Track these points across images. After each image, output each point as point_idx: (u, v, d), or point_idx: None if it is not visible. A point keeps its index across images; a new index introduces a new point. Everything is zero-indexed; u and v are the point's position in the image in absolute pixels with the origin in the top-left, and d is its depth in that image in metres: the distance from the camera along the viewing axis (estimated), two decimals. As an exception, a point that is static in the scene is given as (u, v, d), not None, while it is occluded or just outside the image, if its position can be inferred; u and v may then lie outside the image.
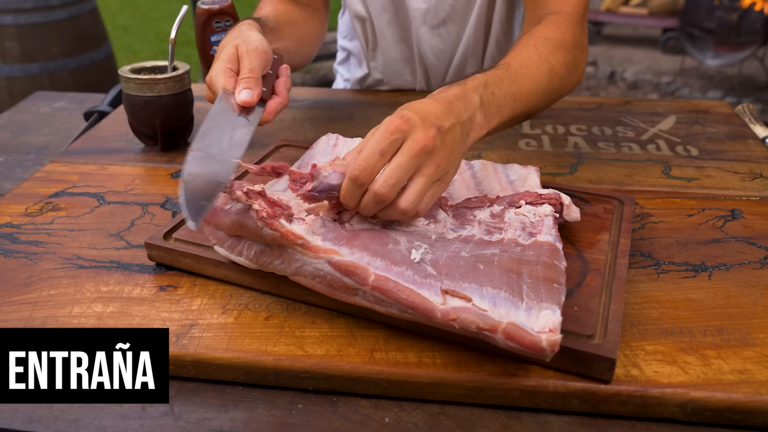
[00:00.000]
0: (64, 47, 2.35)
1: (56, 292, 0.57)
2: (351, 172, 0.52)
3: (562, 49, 0.71)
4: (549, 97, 0.71)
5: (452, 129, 0.55)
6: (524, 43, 0.70)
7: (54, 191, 0.74)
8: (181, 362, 0.50)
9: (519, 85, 0.65)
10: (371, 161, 0.52)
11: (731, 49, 3.52)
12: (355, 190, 0.53)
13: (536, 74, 0.67)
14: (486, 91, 0.61)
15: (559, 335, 0.44)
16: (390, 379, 0.48)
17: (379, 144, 0.52)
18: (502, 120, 0.63)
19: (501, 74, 0.64)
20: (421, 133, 0.52)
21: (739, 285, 0.57)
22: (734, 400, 0.46)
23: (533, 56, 0.69)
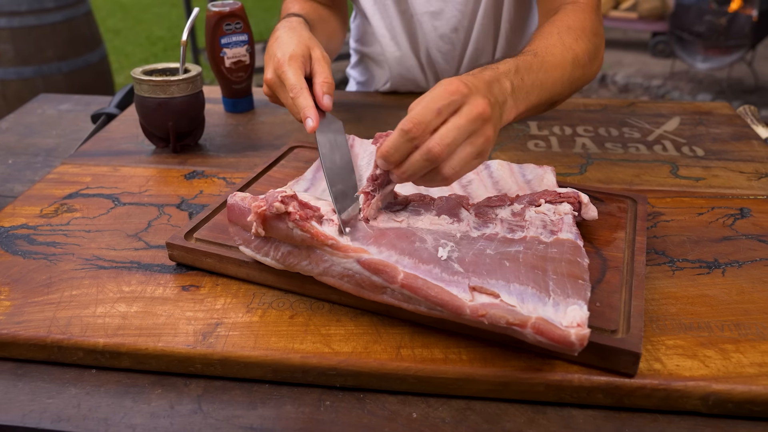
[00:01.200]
0: (58, 50, 2.34)
1: (78, 292, 0.58)
2: (404, 124, 0.51)
3: (584, 36, 0.71)
4: (572, 86, 0.71)
5: (495, 107, 0.55)
6: (547, 31, 0.70)
7: (68, 192, 0.74)
8: (208, 360, 0.51)
9: (546, 72, 0.64)
10: (427, 117, 0.51)
11: (720, 53, 3.57)
12: (404, 143, 0.51)
13: (561, 62, 0.67)
14: (516, 77, 0.61)
15: (587, 329, 0.45)
16: (417, 375, 0.49)
17: (437, 102, 0.51)
18: (529, 107, 0.63)
19: (530, 60, 0.64)
20: (481, 99, 0.52)
21: (752, 281, 0.58)
22: (755, 393, 0.47)
23: (558, 44, 0.68)
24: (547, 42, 0.69)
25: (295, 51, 0.71)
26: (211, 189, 0.75)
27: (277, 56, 0.70)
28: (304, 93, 0.68)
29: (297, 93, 0.68)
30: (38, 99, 1.10)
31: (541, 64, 0.65)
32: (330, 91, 0.70)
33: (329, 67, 0.73)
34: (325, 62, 0.72)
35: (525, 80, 0.62)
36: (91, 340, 0.52)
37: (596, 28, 0.75)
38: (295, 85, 0.68)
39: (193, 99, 0.81)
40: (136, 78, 0.79)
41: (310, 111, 0.66)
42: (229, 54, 0.92)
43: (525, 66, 0.63)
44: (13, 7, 2.22)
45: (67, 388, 0.51)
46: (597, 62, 0.75)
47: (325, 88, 0.70)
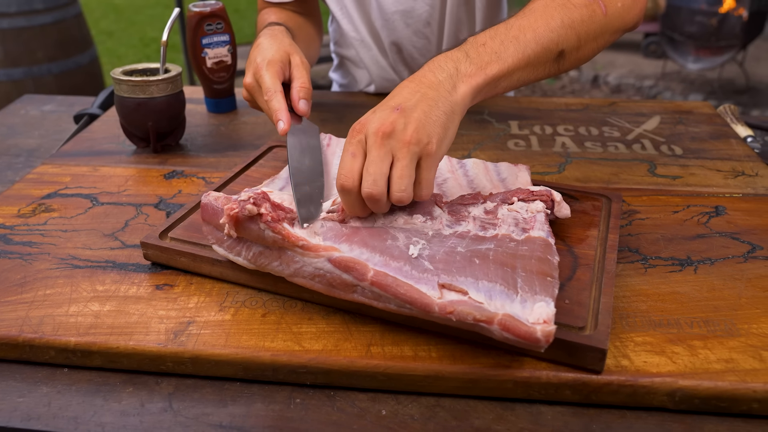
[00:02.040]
0: (48, 52, 2.34)
1: (52, 291, 0.58)
2: (337, 185, 0.54)
3: None
4: (578, 30, 0.65)
5: (420, 100, 0.55)
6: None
7: (46, 192, 0.74)
8: (179, 359, 0.51)
9: (520, 28, 0.62)
10: (347, 166, 0.54)
11: (711, 53, 3.59)
12: (350, 198, 0.55)
13: (544, 11, 0.64)
14: (474, 44, 0.60)
15: (553, 326, 0.45)
16: (387, 372, 0.49)
17: (347, 150, 0.55)
18: (509, 66, 0.60)
19: (495, 27, 0.63)
20: (378, 122, 0.54)
21: (723, 278, 0.59)
22: (721, 388, 0.47)
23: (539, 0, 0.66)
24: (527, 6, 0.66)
25: (274, 56, 0.73)
26: (189, 188, 0.75)
27: (257, 61, 0.73)
28: (277, 96, 0.70)
29: (271, 96, 0.70)
30: (22, 100, 1.10)
31: (511, 24, 0.63)
32: (306, 96, 0.72)
33: (308, 73, 0.74)
34: (304, 68, 0.74)
35: (488, 45, 0.60)
36: (62, 339, 0.52)
37: None
38: (269, 88, 0.70)
39: (173, 99, 0.82)
40: (116, 78, 0.79)
41: (282, 114, 0.68)
42: (210, 54, 0.92)
43: (488, 34, 0.61)
44: (2, 8, 2.22)
45: (39, 386, 0.51)
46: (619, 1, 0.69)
47: (302, 93, 0.72)
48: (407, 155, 0.53)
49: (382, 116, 0.54)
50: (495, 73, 0.60)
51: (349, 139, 0.55)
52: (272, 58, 0.72)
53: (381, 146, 0.53)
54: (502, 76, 0.60)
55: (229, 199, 0.53)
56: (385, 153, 0.53)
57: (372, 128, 0.54)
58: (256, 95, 0.73)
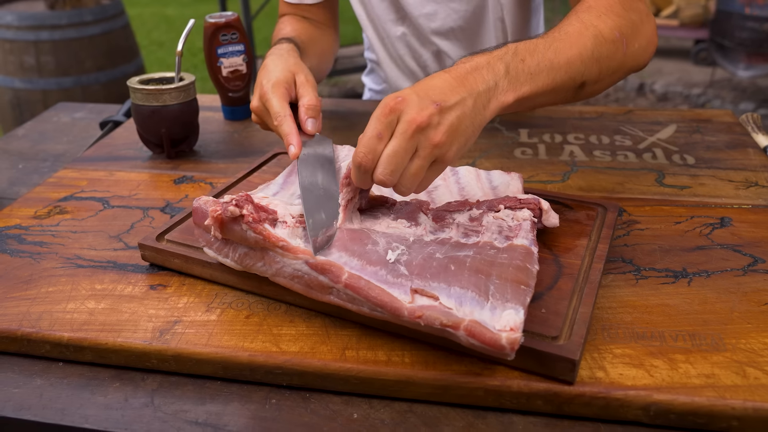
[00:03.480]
0: (96, 61, 2.45)
1: (54, 289, 0.61)
2: (354, 158, 0.54)
3: (611, 13, 0.68)
4: (602, 64, 0.66)
5: (459, 104, 0.54)
6: (567, 16, 0.68)
7: (63, 195, 0.78)
8: (163, 356, 0.53)
9: (557, 51, 0.62)
10: (370, 145, 0.53)
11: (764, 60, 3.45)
12: (362, 175, 0.54)
13: (578, 39, 0.64)
14: (515, 59, 0.59)
15: (519, 334, 0.45)
16: (359, 376, 0.50)
17: (376, 128, 0.53)
18: (537, 89, 0.60)
19: (535, 42, 0.62)
20: (415, 112, 0.52)
21: (718, 291, 0.57)
22: (697, 404, 0.46)
23: (575, 23, 0.66)
24: (563, 24, 0.66)
25: (279, 78, 0.73)
26: (196, 193, 0.78)
27: (263, 84, 0.73)
28: (287, 120, 0.69)
29: (281, 120, 0.70)
30: (56, 107, 1.16)
31: (549, 44, 0.62)
32: (315, 114, 0.72)
33: (314, 90, 0.74)
34: (310, 85, 0.74)
35: (527, 61, 0.60)
36: (57, 334, 0.55)
37: (629, 4, 0.70)
38: (278, 113, 0.70)
39: (186, 106, 0.85)
40: (132, 87, 0.83)
41: (293, 138, 0.68)
42: (226, 63, 0.95)
43: (527, 48, 0.61)
44: (54, 20, 2.33)
45: (33, 379, 0.54)
46: (640, 40, 0.70)
47: (310, 112, 0.71)
48: (428, 156, 0.53)
49: (421, 106, 0.53)
50: (525, 95, 0.60)
51: (379, 116, 0.53)
52: (277, 80, 0.72)
53: (410, 138, 0.52)
54: (529, 98, 0.60)
55: (216, 202, 0.55)
56: (411, 146, 0.53)
57: (408, 116, 0.52)
58: (265, 118, 0.74)
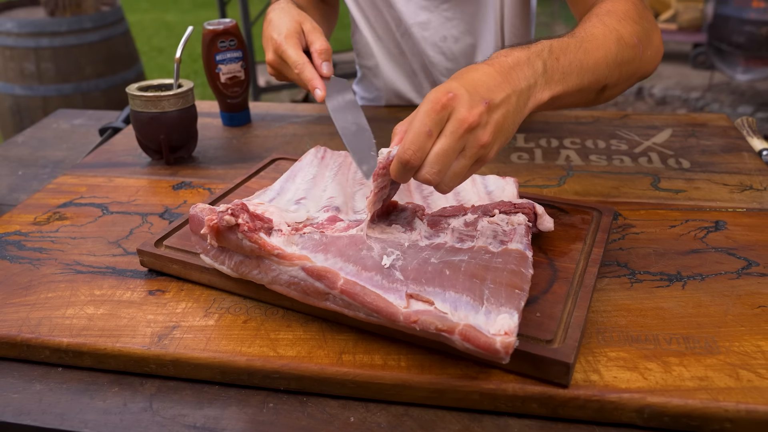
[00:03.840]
0: (96, 68, 2.45)
1: (53, 295, 0.61)
2: (401, 154, 0.51)
3: (629, 19, 0.68)
4: (622, 69, 0.67)
5: (505, 102, 0.54)
6: (587, 18, 0.68)
7: (62, 202, 0.79)
8: (161, 361, 0.53)
9: (586, 52, 0.62)
10: (419, 142, 0.51)
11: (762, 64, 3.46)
12: (407, 172, 0.52)
13: (604, 42, 0.64)
14: (551, 57, 0.59)
15: (513, 338, 0.45)
16: (355, 380, 0.50)
17: (426, 124, 0.51)
18: (568, 89, 0.61)
19: (567, 41, 0.62)
20: (466, 111, 0.51)
21: (712, 294, 0.58)
22: (691, 406, 0.46)
23: (599, 25, 0.66)
24: (587, 25, 0.66)
25: (290, 28, 0.76)
26: (194, 199, 0.79)
27: (274, 37, 0.76)
28: (307, 67, 0.73)
29: (301, 68, 0.73)
30: (55, 114, 1.16)
31: (579, 44, 0.62)
32: (327, 57, 0.75)
33: (322, 35, 0.77)
34: (318, 32, 0.77)
35: (561, 60, 0.60)
36: (56, 340, 0.55)
37: (642, 12, 0.71)
38: (297, 61, 0.74)
39: (185, 113, 0.85)
40: (131, 93, 0.84)
41: (317, 82, 0.72)
42: (224, 70, 0.96)
43: (561, 46, 0.61)
44: (55, 27, 2.34)
45: (33, 384, 0.54)
46: (652, 47, 0.71)
47: (323, 56, 0.75)
48: (474, 156, 0.52)
49: (471, 104, 0.51)
50: (558, 94, 0.60)
51: (429, 111, 0.51)
52: (288, 31, 0.76)
53: (460, 138, 0.51)
54: (560, 97, 0.60)
55: (212, 211, 0.56)
56: (460, 146, 0.52)
57: (459, 114, 0.51)
58: (283, 69, 0.77)
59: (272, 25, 0.78)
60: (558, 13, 4.49)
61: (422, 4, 0.95)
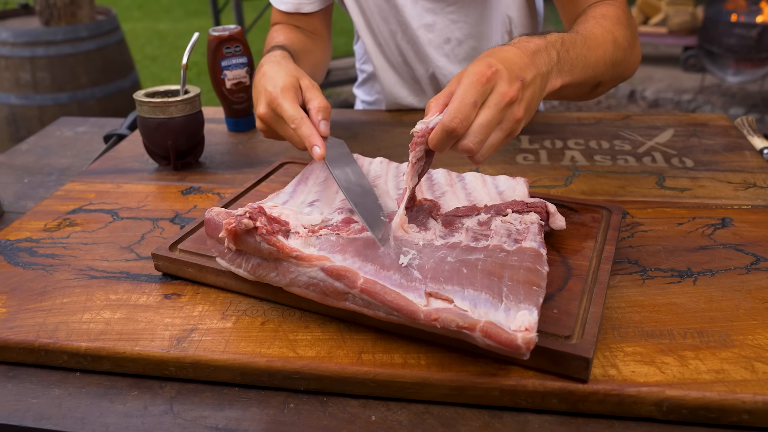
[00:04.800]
0: (92, 77, 2.45)
1: (69, 300, 0.61)
2: (447, 123, 0.54)
3: (621, 24, 0.74)
4: (615, 68, 0.72)
5: (534, 81, 0.57)
6: (583, 20, 0.73)
7: (72, 208, 0.79)
8: (181, 364, 0.53)
9: (589, 49, 0.67)
10: (465, 112, 0.54)
11: (752, 66, 3.50)
12: (449, 140, 0.55)
13: (603, 42, 0.70)
14: (563, 48, 0.63)
15: (534, 334, 0.46)
16: (376, 379, 0.51)
17: (472, 95, 0.54)
18: (573, 80, 0.65)
19: (574, 37, 0.67)
20: (507, 85, 0.55)
21: (723, 290, 0.58)
22: (709, 399, 0.47)
23: (596, 27, 0.71)
24: (586, 25, 0.71)
25: (286, 83, 0.72)
26: (204, 203, 0.79)
27: (269, 90, 0.72)
28: (305, 122, 0.69)
29: (298, 123, 0.69)
30: (58, 122, 1.17)
31: (584, 40, 0.67)
32: (326, 116, 0.72)
33: (320, 92, 0.74)
34: (316, 89, 0.74)
35: (570, 53, 0.64)
36: (74, 344, 0.55)
37: (629, 18, 0.77)
38: (295, 116, 0.69)
39: (192, 119, 0.86)
40: (138, 100, 0.84)
41: (316, 139, 0.68)
42: (229, 76, 0.96)
43: (570, 40, 0.65)
44: (50, 37, 2.34)
45: (52, 389, 0.54)
46: (636, 51, 0.77)
47: (321, 114, 0.71)
48: (508, 130, 0.56)
49: (511, 79, 0.55)
50: (566, 83, 0.64)
51: (475, 83, 0.54)
52: (285, 84, 0.72)
53: (501, 110, 0.55)
54: (565, 87, 0.65)
55: (229, 214, 0.56)
56: (500, 118, 0.55)
57: (502, 88, 0.55)
58: (275, 124, 0.73)
59: (266, 77, 0.74)
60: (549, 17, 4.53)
61: (428, 6, 0.96)
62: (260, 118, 0.74)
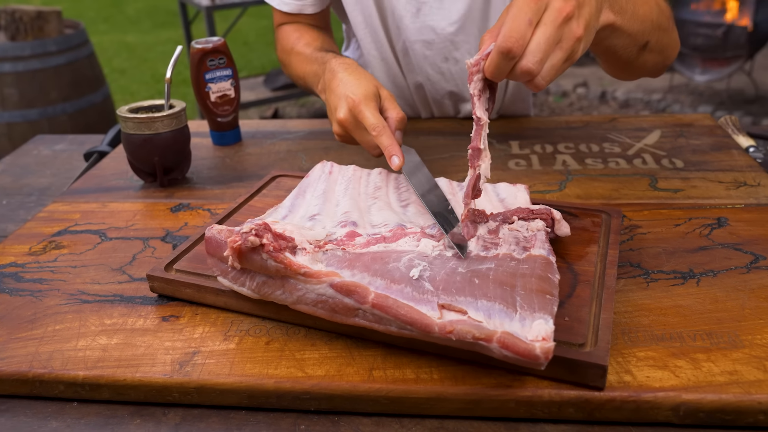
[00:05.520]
0: (62, 92, 2.40)
1: (61, 327, 0.59)
2: (501, 43, 0.51)
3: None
4: (660, 34, 0.72)
5: (589, 2, 0.55)
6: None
7: (57, 230, 0.76)
8: (185, 389, 0.52)
9: (635, 3, 0.67)
10: (521, 30, 0.51)
11: (718, 65, 3.58)
12: (506, 63, 0.52)
13: (647, 1, 0.70)
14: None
15: (552, 343, 0.45)
16: (389, 396, 0.49)
17: (526, 13, 0.52)
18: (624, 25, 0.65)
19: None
20: (562, 1, 0.53)
21: (726, 290, 0.59)
22: (725, 401, 0.47)
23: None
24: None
25: (368, 91, 0.73)
26: (195, 221, 0.77)
27: (351, 97, 0.73)
28: (387, 131, 0.70)
29: (380, 132, 0.70)
30: (34, 140, 1.13)
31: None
32: (402, 127, 0.74)
33: (396, 104, 0.76)
34: (393, 100, 0.76)
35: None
36: (71, 373, 0.53)
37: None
38: (377, 125, 0.70)
39: (178, 134, 0.84)
40: (122, 116, 0.82)
41: (396, 149, 0.69)
42: (214, 89, 0.94)
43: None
44: (17, 52, 2.29)
45: (48, 421, 0.52)
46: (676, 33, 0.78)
47: (400, 125, 0.74)
48: (568, 50, 0.54)
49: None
50: (617, 23, 0.63)
51: (528, 1, 0.52)
52: (366, 92, 0.73)
53: (559, 27, 0.52)
54: (616, 29, 0.64)
55: (232, 232, 0.54)
56: (558, 36, 0.53)
57: (557, 3, 0.53)
58: (354, 130, 0.74)
59: (344, 84, 0.75)
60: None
61: (430, 24, 0.95)
62: (339, 123, 0.75)
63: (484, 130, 0.56)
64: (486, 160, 0.57)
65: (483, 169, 0.57)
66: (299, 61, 0.94)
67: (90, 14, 6.61)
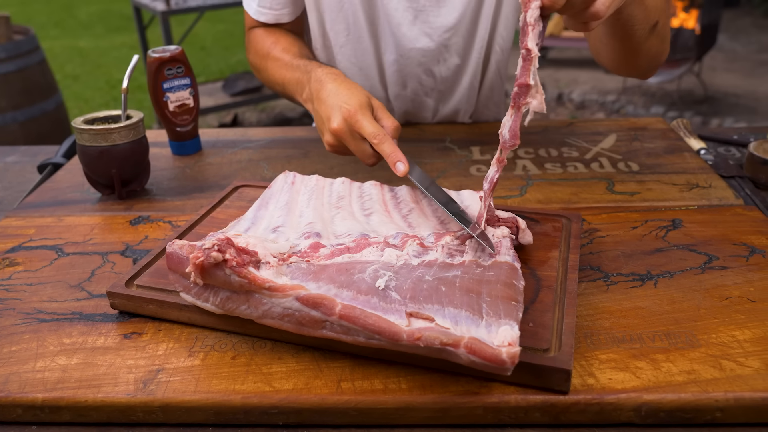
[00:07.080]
0: (12, 100, 2.32)
1: (18, 347, 0.57)
2: None
3: None
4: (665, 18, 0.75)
5: None
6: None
7: (10, 246, 0.74)
8: (149, 408, 0.51)
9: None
10: None
11: (668, 66, 3.69)
12: None
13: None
14: None
15: (518, 348, 0.46)
16: (357, 407, 0.49)
17: None
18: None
19: None
20: None
21: (682, 290, 0.61)
22: (684, 400, 0.48)
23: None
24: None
25: (362, 100, 0.74)
26: (156, 233, 0.75)
27: (345, 107, 0.73)
28: (387, 139, 0.71)
29: (381, 139, 0.71)
30: (-16, 152, 1.09)
31: None
32: (398, 135, 0.75)
33: (388, 113, 0.77)
34: (385, 109, 0.76)
35: None
36: (29, 396, 0.51)
37: None
38: (377, 133, 0.71)
39: (136, 145, 0.82)
40: (77, 127, 0.80)
41: (400, 155, 0.70)
42: (172, 98, 0.93)
43: None
44: (-36, 59, 2.21)
45: (6, 447, 0.50)
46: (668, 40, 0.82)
47: (395, 133, 0.74)
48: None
49: None
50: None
51: None
52: (360, 102, 0.73)
53: None
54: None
55: (194, 247, 0.54)
56: None
57: None
58: (349, 140, 0.74)
59: (335, 94, 0.75)
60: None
61: (427, 31, 0.95)
62: (334, 133, 0.74)
63: (534, 65, 0.53)
64: (538, 96, 0.54)
65: (536, 105, 0.53)
66: (277, 66, 0.92)
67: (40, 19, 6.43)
